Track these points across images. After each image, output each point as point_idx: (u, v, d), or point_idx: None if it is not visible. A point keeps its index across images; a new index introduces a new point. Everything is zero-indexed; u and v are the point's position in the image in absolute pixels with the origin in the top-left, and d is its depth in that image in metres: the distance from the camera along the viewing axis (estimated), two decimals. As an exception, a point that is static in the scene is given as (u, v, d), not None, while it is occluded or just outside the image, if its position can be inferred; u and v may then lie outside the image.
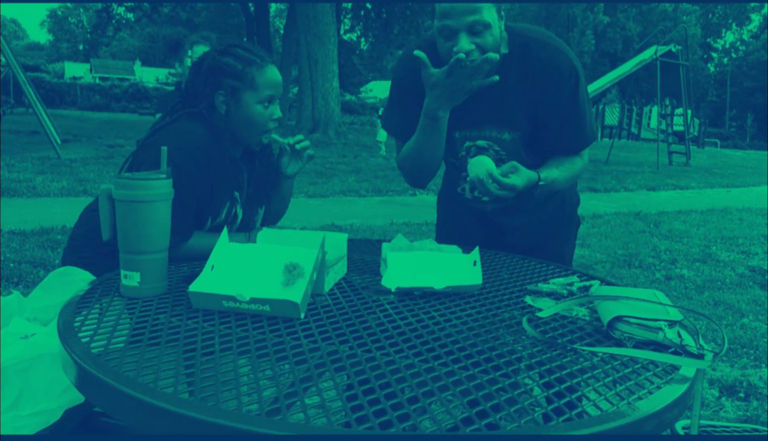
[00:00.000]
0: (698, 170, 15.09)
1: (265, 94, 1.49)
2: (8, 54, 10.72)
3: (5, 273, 3.72)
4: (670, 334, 0.94)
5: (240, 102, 1.48)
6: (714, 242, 6.07)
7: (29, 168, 8.51)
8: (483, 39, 1.39)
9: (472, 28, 1.38)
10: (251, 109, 1.48)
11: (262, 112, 1.49)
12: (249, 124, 1.49)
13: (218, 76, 1.47)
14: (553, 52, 1.48)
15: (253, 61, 1.49)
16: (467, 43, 1.38)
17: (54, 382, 1.14)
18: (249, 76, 1.47)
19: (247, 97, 1.48)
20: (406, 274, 1.19)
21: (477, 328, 1.00)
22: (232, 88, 1.47)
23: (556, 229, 1.73)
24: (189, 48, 2.82)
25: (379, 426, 0.66)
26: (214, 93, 1.48)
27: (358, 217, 6.42)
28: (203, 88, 1.48)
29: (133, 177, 1.08)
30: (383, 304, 1.11)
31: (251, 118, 1.49)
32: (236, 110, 1.48)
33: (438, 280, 1.16)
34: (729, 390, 2.56)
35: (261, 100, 1.49)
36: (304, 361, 0.84)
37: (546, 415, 0.71)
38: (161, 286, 1.11)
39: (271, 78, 1.50)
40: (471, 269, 1.22)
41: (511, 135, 1.55)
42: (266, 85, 1.49)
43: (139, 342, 0.87)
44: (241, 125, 1.49)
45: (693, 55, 41.92)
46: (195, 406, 0.67)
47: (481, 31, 1.39)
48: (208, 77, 1.48)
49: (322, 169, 10.42)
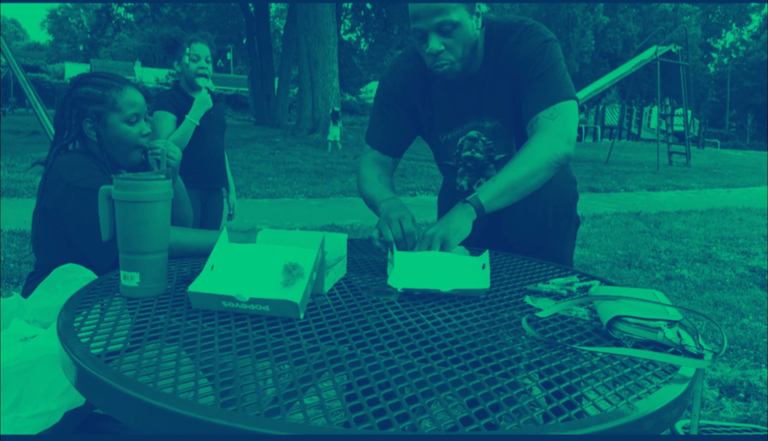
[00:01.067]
0: (698, 170, 15.10)
1: (129, 112, 1.56)
2: (8, 54, 10.71)
3: (5, 273, 3.72)
4: (669, 334, 0.94)
5: (107, 125, 1.55)
6: (714, 242, 6.07)
7: (29, 168, 8.50)
8: (453, 38, 1.44)
9: (440, 28, 1.42)
10: (119, 129, 1.56)
11: (129, 130, 1.57)
12: (121, 144, 1.57)
13: (81, 105, 1.54)
14: (524, 31, 1.51)
15: (111, 85, 1.56)
16: (437, 44, 1.43)
17: (54, 384, 1.14)
18: (110, 98, 1.55)
19: (112, 118, 1.55)
20: (412, 275, 1.18)
21: (476, 328, 1.00)
22: (96, 113, 1.54)
23: (557, 228, 1.74)
24: (187, 46, 2.82)
25: (378, 426, 0.66)
26: (80, 122, 1.55)
27: (358, 217, 6.43)
28: (69, 120, 1.55)
29: (133, 177, 1.08)
30: (383, 304, 1.11)
31: (121, 137, 1.56)
32: (105, 133, 1.55)
33: (445, 283, 1.15)
34: (729, 390, 2.56)
35: (126, 118, 1.56)
36: (303, 361, 0.84)
37: (545, 414, 0.71)
38: (161, 287, 1.11)
39: (131, 98, 1.57)
40: (479, 273, 1.20)
41: (492, 123, 1.58)
42: (128, 105, 1.56)
43: (138, 342, 0.87)
44: (114, 146, 1.57)
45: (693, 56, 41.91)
46: (195, 406, 0.67)
47: (449, 30, 1.43)
48: (72, 109, 1.55)
49: (322, 169, 10.42)
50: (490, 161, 1.63)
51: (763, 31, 54.18)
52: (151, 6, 25.56)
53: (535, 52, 1.49)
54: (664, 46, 16.03)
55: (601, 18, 47.57)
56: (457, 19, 1.40)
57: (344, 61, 27.46)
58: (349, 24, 31.89)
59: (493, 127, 1.58)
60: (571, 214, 1.77)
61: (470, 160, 1.64)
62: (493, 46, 1.52)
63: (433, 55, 1.44)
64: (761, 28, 55.79)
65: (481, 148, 1.61)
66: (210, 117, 2.84)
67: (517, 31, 1.52)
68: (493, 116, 1.57)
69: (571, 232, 1.79)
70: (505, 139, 1.59)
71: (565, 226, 1.75)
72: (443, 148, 1.66)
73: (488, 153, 1.62)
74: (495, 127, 1.58)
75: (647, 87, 32.78)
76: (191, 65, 2.82)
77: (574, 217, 1.79)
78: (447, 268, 1.22)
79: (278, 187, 8.50)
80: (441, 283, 1.15)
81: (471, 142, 1.62)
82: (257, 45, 24.59)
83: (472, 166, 1.65)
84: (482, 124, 1.59)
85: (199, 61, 2.82)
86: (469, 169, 1.65)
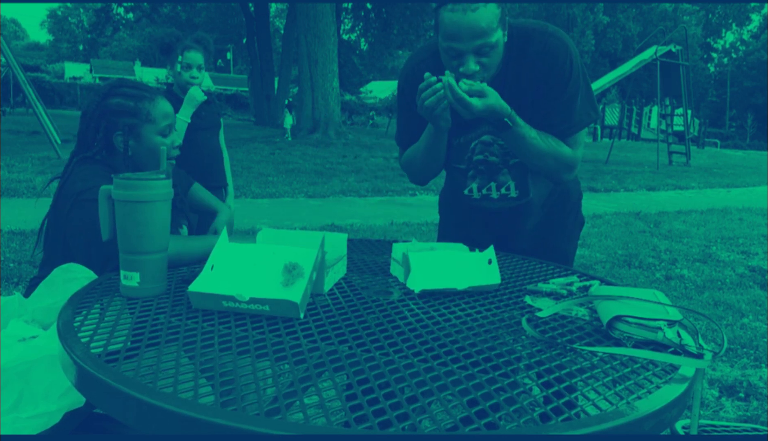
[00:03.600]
0: (698, 170, 15.10)
1: (163, 124, 1.52)
2: (8, 54, 10.72)
3: (5, 273, 3.72)
4: (669, 333, 0.94)
5: (141, 137, 1.50)
6: (714, 242, 6.07)
7: (29, 168, 8.51)
8: (489, 58, 1.42)
9: (480, 50, 1.39)
10: (152, 141, 1.51)
11: (163, 141, 1.53)
12: (153, 156, 1.52)
13: (111, 117, 1.48)
14: (549, 38, 1.49)
15: (144, 96, 1.52)
16: (473, 64, 1.41)
17: (54, 384, 1.13)
18: (144, 110, 1.50)
19: (146, 130, 1.50)
20: (429, 276, 1.19)
21: (476, 328, 1.00)
22: (129, 126, 1.49)
23: (562, 226, 1.74)
24: (180, 54, 2.82)
25: (378, 426, 0.66)
26: (110, 135, 1.49)
27: (358, 217, 6.43)
28: (95, 133, 1.49)
29: (133, 177, 1.08)
30: (383, 304, 1.11)
31: (154, 150, 1.51)
32: (137, 145, 1.51)
33: (460, 281, 1.18)
34: (729, 390, 2.56)
35: (160, 130, 1.52)
36: (303, 361, 0.84)
37: (545, 414, 0.71)
38: (161, 286, 1.11)
39: (164, 109, 1.54)
40: (488, 268, 1.23)
41: None
42: (162, 116, 1.52)
43: (138, 342, 0.87)
44: (146, 158, 1.52)
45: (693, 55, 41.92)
46: (195, 406, 0.67)
47: (488, 52, 1.40)
48: (100, 122, 1.49)
49: (322, 169, 10.42)
50: (504, 165, 1.62)
51: (763, 31, 54.19)
52: (150, 6, 25.55)
53: (563, 68, 1.47)
54: (664, 45, 16.03)
55: (601, 18, 47.59)
56: (495, 40, 1.38)
57: (344, 61, 27.45)
58: (349, 24, 31.88)
59: None
60: (576, 213, 1.77)
61: (483, 163, 1.63)
62: (514, 50, 1.50)
63: (468, 75, 1.43)
64: (761, 28, 55.81)
65: (497, 151, 1.60)
66: (201, 117, 2.85)
67: (541, 38, 1.48)
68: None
69: (575, 232, 1.78)
70: None
71: (570, 225, 1.75)
72: (455, 151, 1.65)
73: (504, 157, 1.61)
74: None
75: (647, 87, 32.78)
76: (183, 74, 2.83)
77: (579, 217, 1.79)
78: (459, 266, 1.23)
79: (278, 187, 8.50)
80: (456, 281, 1.18)
81: (484, 146, 1.61)
82: (257, 45, 24.59)
83: (484, 170, 1.64)
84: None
85: (190, 70, 2.83)
86: (481, 173, 1.65)
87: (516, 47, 1.50)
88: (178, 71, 2.83)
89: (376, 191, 8.61)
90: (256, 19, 24.69)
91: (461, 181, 1.69)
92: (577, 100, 1.52)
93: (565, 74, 1.48)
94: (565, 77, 1.48)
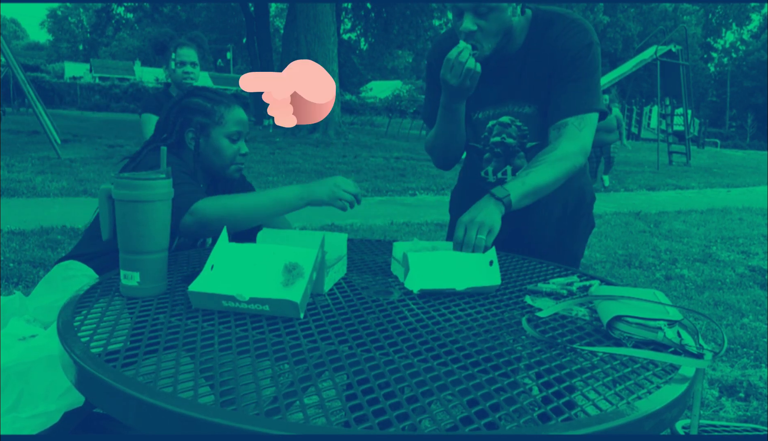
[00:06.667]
0: (698, 170, 15.10)
1: (233, 129, 1.59)
2: (8, 54, 10.72)
3: (5, 273, 3.72)
4: (669, 333, 0.94)
5: (209, 137, 1.58)
6: (714, 242, 6.07)
7: (29, 168, 8.51)
8: (487, 21, 1.43)
9: (477, 9, 1.42)
10: (219, 141, 1.58)
11: (230, 146, 1.59)
12: (218, 155, 1.59)
13: (188, 114, 1.57)
14: (572, 21, 1.52)
15: (221, 101, 1.60)
16: (470, 24, 1.43)
17: (54, 384, 1.14)
18: (217, 113, 1.58)
19: (215, 132, 1.58)
20: (428, 276, 1.19)
21: (476, 328, 1.00)
22: (201, 124, 1.57)
23: (574, 228, 1.73)
24: (173, 51, 2.83)
25: (378, 426, 0.66)
26: (183, 130, 1.57)
27: (358, 217, 6.43)
28: (173, 125, 1.58)
29: (133, 177, 1.08)
30: (383, 304, 1.11)
31: (219, 150, 1.58)
32: (205, 144, 1.57)
33: (459, 282, 1.17)
34: (729, 390, 2.56)
35: (228, 134, 1.59)
36: (303, 360, 0.84)
37: (545, 414, 0.71)
38: (161, 286, 1.11)
39: (237, 116, 1.60)
40: (489, 269, 1.22)
41: (531, 108, 1.58)
42: (233, 122, 1.59)
43: (138, 342, 0.87)
44: (211, 157, 1.59)
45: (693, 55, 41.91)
46: (195, 406, 0.67)
47: (485, 12, 1.42)
48: (178, 116, 1.58)
49: (321, 169, 10.42)
50: (521, 148, 1.62)
51: (763, 31, 54.18)
52: (150, 6, 25.55)
53: (579, 51, 1.49)
54: (664, 45, 16.04)
55: (601, 18, 47.57)
56: (494, 2, 1.40)
57: (344, 60, 27.45)
58: (349, 24, 31.87)
59: (530, 113, 1.58)
60: (588, 215, 1.77)
61: (499, 145, 1.63)
62: (537, 32, 1.52)
63: (465, 34, 1.45)
64: (761, 28, 55.80)
65: (515, 133, 1.61)
66: None
67: (563, 21, 1.51)
68: (531, 101, 1.57)
69: (585, 233, 1.78)
70: (538, 127, 1.58)
71: (582, 227, 1.75)
72: (473, 128, 1.67)
73: (521, 139, 1.61)
74: (531, 113, 1.58)
75: (647, 87, 32.77)
76: (177, 71, 2.85)
77: (591, 219, 1.79)
78: (459, 266, 1.23)
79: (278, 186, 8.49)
80: (455, 282, 1.17)
81: (502, 128, 1.62)
82: (257, 45, 24.58)
83: (501, 152, 1.64)
84: (520, 109, 1.58)
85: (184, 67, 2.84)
86: (497, 155, 1.65)
87: (539, 27, 1.53)
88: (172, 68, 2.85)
89: (376, 191, 8.60)
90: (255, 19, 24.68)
91: (478, 163, 1.70)
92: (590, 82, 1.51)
93: (582, 53, 1.49)
94: (581, 56, 1.49)
